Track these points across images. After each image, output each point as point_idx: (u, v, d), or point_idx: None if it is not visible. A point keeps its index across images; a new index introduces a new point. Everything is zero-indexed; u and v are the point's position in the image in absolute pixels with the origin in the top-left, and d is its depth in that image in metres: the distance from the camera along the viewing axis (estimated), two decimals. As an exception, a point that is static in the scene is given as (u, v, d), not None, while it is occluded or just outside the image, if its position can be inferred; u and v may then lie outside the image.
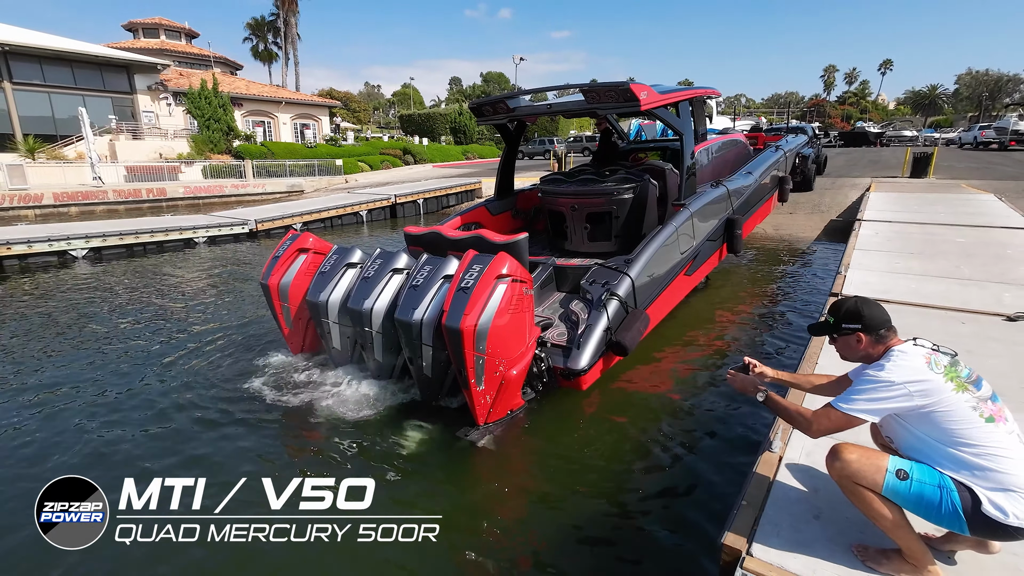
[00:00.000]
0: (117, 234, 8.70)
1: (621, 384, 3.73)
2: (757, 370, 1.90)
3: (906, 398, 1.42)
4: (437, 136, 34.56)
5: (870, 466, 1.45)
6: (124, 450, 3.01)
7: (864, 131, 30.40)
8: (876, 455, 1.50)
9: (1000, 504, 1.34)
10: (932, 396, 1.40)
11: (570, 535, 2.35)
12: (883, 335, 1.56)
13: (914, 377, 1.42)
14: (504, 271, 2.91)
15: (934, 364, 1.44)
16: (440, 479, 2.73)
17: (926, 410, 1.42)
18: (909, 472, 1.43)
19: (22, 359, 4.37)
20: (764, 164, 6.47)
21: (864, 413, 1.47)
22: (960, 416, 1.39)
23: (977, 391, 1.42)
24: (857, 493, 1.48)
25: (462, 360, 2.81)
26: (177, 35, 33.15)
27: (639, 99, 3.92)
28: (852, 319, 1.59)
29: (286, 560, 2.23)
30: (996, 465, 1.36)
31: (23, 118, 19.60)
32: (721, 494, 2.55)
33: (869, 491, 1.46)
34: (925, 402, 1.41)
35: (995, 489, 1.35)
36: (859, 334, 1.58)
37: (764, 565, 1.57)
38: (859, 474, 1.46)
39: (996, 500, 1.34)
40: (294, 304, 3.90)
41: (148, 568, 2.21)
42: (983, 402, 1.41)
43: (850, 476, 1.47)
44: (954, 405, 1.39)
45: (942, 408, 1.40)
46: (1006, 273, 4.47)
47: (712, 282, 5.89)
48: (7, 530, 2.39)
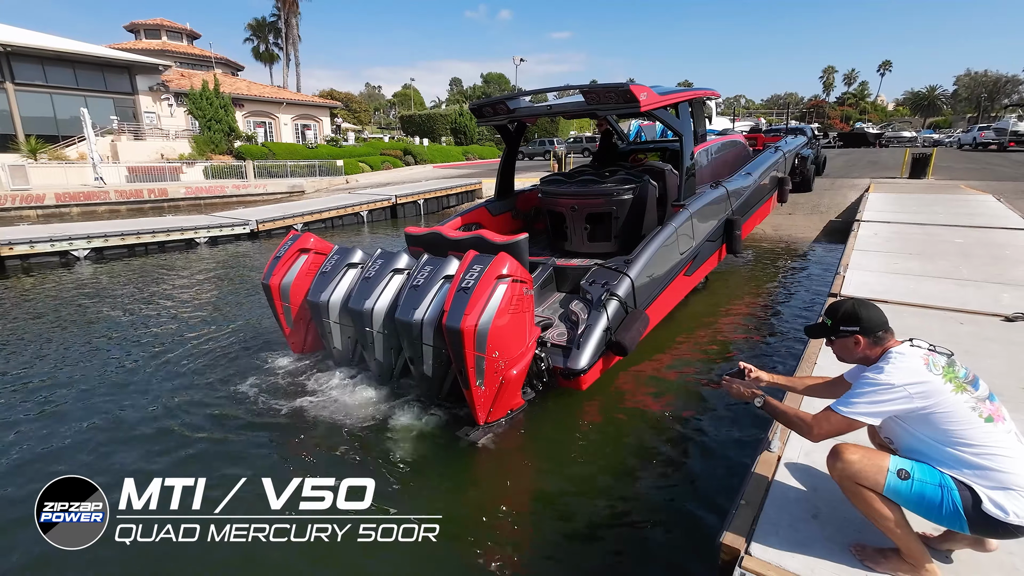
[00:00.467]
0: (119, 234, 8.72)
1: (621, 384, 3.75)
2: (753, 375, 1.88)
3: (906, 400, 1.43)
4: (437, 137, 34.61)
5: (871, 466, 1.46)
6: (124, 449, 3.02)
7: (863, 132, 30.47)
8: (877, 455, 1.50)
9: (1000, 502, 1.35)
10: (932, 397, 1.41)
11: (569, 534, 2.36)
12: (881, 337, 1.56)
13: (913, 379, 1.43)
14: (504, 271, 2.92)
15: (932, 365, 1.44)
16: (440, 479, 2.73)
17: (926, 411, 1.43)
18: (910, 472, 1.44)
19: (23, 358, 4.39)
20: (763, 165, 6.49)
21: (865, 416, 1.47)
22: (960, 417, 1.40)
23: (975, 391, 1.43)
24: (858, 493, 1.48)
25: (463, 360, 2.82)
26: (179, 36, 33.21)
27: (639, 100, 3.94)
28: (850, 321, 1.59)
29: (286, 560, 2.24)
30: (996, 464, 1.37)
31: (25, 119, 19.65)
32: (720, 493, 2.56)
33: (870, 491, 1.46)
34: (925, 403, 1.42)
35: (995, 488, 1.36)
36: (857, 336, 1.58)
37: (763, 564, 1.57)
38: (860, 474, 1.46)
39: (996, 499, 1.35)
40: (295, 304, 3.91)
41: (148, 568, 2.22)
42: (981, 402, 1.42)
43: (851, 476, 1.47)
44: (953, 406, 1.40)
45: (942, 409, 1.41)
46: (1004, 273, 4.48)
47: (711, 282, 5.90)
48: (6, 530, 2.40)
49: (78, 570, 2.19)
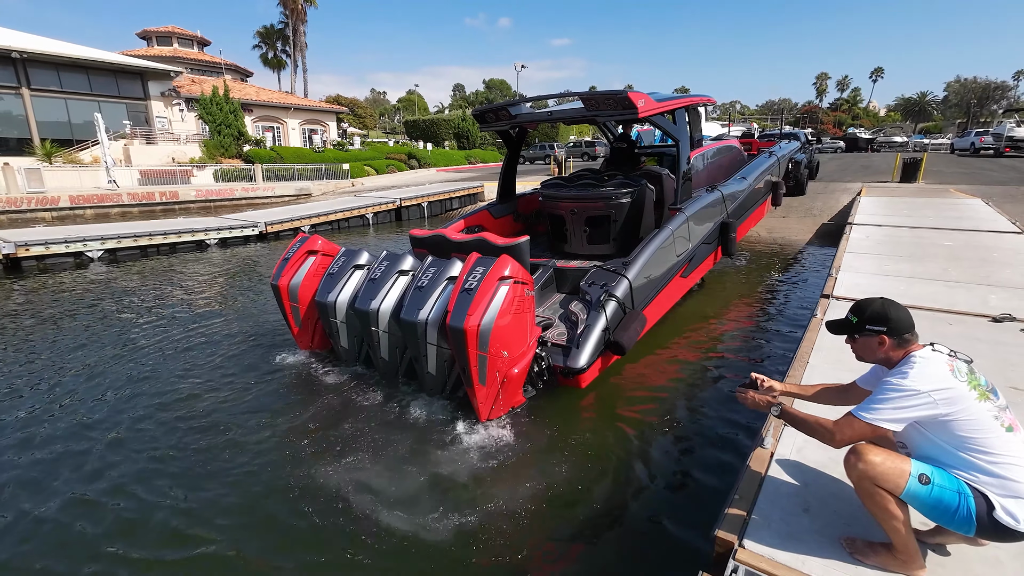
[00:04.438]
0: (131, 236, 8.92)
1: (619, 382, 3.81)
2: (766, 385, 1.84)
3: (931, 407, 1.40)
4: (441, 141, 34.87)
5: (894, 469, 1.43)
6: (128, 446, 3.12)
7: (855, 137, 30.44)
8: (899, 459, 1.47)
9: (1012, 511, 1.35)
10: (957, 404, 1.39)
11: (566, 527, 2.40)
12: (906, 339, 1.52)
13: (940, 385, 1.39)
14: (506, 273, 2.99)
15: (957, 372, 1.42)
16: (440, 478, 2.73)
17: (948, 418, 1.40)
18: (931, 477, 1.42)
19: (39, 357, 4.52)
20: (758, 169, 6.58)
21: (889, 422, 1.43)
22: (982, 425, 1.38)
23: (996, 400, 1.42)
24: (875, 494, 1.45)
25: (465, 359, 2.89)
26: (190, 43, 33.72)
27: (637, 107, 4.03)
28: (878, 321, 1.54)
29: (286, 560, 2.25)
30: (1011, 474, 1.36)
31: (41, 123, 20.03)
32: (714, 488, 2.61)
33: (888, 493, 1.44)
34: (949, 410, 1.39)
35: (1008, 496, 1.36)
36: (883, 336, 1.53)
37: (755, 557, 1.61)
38: (882, 477, 1.43)
39: (1009, 507, 1.36)
40: (303, 304, 4.02)
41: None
42: (1003, 411, 1.41)
43: (873, 478, 1.44)
44: (977, 414, 1.38)
45: (965, 416, 1.39)
46: (992, 275, 4.54)
47: (707, 283, 5.98)
48: (26, 513, 2.54)
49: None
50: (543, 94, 5.45)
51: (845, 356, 1.74)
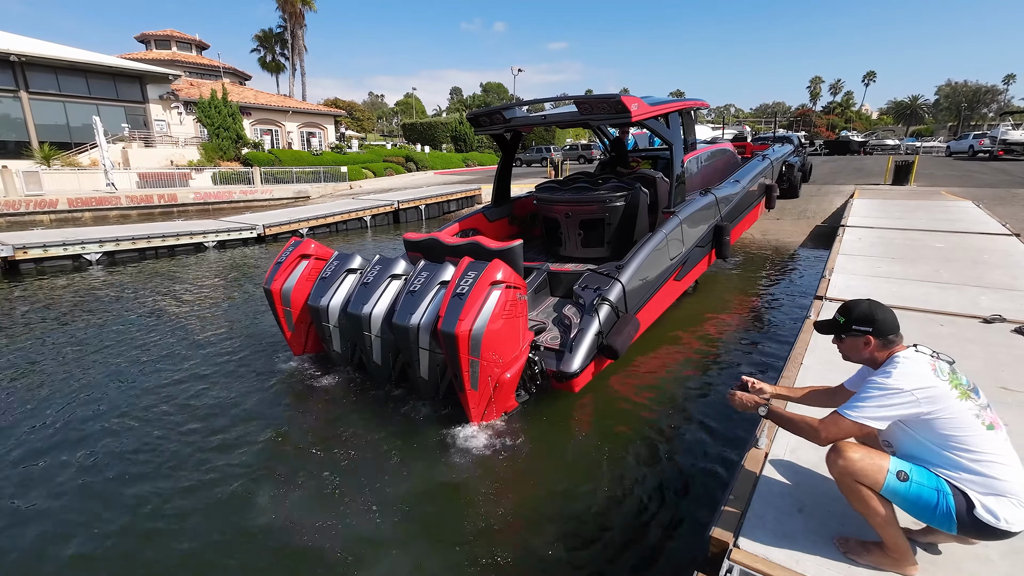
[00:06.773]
0: (130, 238, 8.92)
1: (612, 386, 3.82)
2: (756, 386, 1.89)
3: (913, 405, 1.43)
4: (439, 144, 34.98)
5: (872, 466, 1.47)
6: (125, 443, 3.14)
7: (848, 140, 30.53)
8: (878, 455, 1.51)
9: (992, 508, 1.38)
10: (938, 403, 1.42)
11: (561, 530, 2.41)
12: (891, 340, 1.56)
13: (922, 384, 1.43)
14: (498, 277, 2.99)
15: (939, 371, 1.45)
16: (432, 483, 2.74)
17: (930, 417, 1.43)
18: (909, 474, 1.45)
19: (36, 359, 4.53)
20: (751, 172, 6.60)
21: (873, 420, 1.47)
22: (963, 423, 1.41)
23: (977, 399, 1.45)
24: (856, 491, 1.50)
25: (457, 364, 2.89)
26: (188, 47, 33.82)
27: (630, 111, 4.04)
28: (864, 321, 1.58)
29: (286, 561, 2.26)
30: (992, 472, 1.39)
31: (39, 126, 20.08)
32: (709, 489, 2.62)
33: (868, 489, 1.48)
34: (931, 409, 1.42)
35: (988, 494, 1.39)
36: (868, 336, 1.57)
37: (750, 556, 1.62)
38: (861, 473, 1.47)
39: (989, 504, 1.38)
40: (296, 308, 4.02)
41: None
42: (983, 410, 1.44)
43: (852, 475, 1.48)
44: (958, 412, 1.41)
45: (947, 415, 1.42)
46: (982, 277, 4.56)
47: (701, 287, 5.98)
48: (25, 524, 2.55)
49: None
50: (538, 98, 5.46)
51: (838, 357, 1.74)
